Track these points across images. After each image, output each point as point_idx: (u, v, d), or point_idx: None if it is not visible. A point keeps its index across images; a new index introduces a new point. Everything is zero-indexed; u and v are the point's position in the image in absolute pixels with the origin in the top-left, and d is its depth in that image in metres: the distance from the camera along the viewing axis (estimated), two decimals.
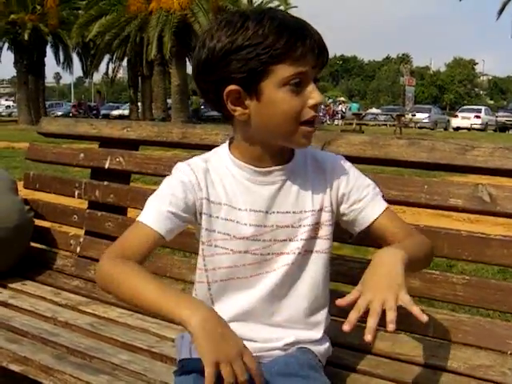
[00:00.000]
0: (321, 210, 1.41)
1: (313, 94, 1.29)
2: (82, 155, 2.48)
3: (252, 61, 1.25)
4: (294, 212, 1.39)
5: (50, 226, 2.63)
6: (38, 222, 2.60)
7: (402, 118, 27.58)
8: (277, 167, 1.38)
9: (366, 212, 1.43)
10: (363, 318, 1.58)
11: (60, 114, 43.03)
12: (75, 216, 2.49)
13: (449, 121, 39.46)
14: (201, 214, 1.38)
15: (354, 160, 1.83)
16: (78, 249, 2.44)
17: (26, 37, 30.04)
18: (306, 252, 1.41)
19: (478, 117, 37.02)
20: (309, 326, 1.43)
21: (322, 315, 1.46)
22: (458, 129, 35.94)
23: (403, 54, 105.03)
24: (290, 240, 1.39)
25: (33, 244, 2.58)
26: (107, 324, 1.96)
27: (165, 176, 1.45)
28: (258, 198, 1.37)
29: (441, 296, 1.67)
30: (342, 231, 1.53)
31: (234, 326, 1.33)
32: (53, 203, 2.61)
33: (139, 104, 36.88)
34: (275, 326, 1.41)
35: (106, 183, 2.39)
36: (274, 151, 1.37)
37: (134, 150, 2.39)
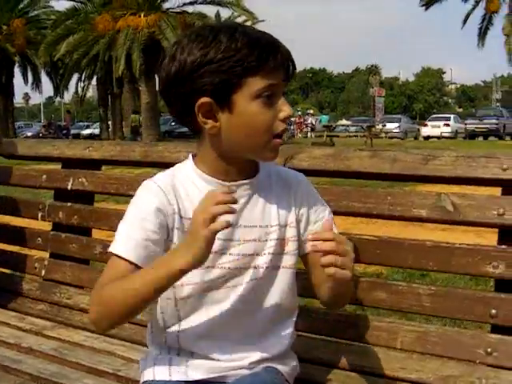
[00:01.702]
0: (286, 225, 1.41)
1: (284, 107, 1.32)
2: (44, 176, 2.44)
3: (225, 73, 1.26)
4: (260, 226, 1.38)
5: (13, 249, 2.58)
6: (1, 246, 2.55)
7: (373, 129, 27.70)
8: (244, 181, 1.37)
9: None
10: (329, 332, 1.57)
11: (30, 134, 42.59)
12: (39, 238, 2.44)
13: (419, 130, 39.86)
14: (173, 229, 1.35)
15: (317, 173, 1.84)
16: (43, 272, 2.39)
17: None
18: (273, 268, 1.39)
19: (447, 125, 37.44)
20: (275, 341, 1.41)
21: (289, 330, 1.44)
22: (428, 137, 36.31)
23: (372, 66, 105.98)
24: (257, 254, 1.38)
25: None
26: (72, 348, 1.92)
27: (128, 196, 1.43)
28: None
29: (408, 307, 1.65)
30: None
31: (201, 343, 1.33)
32: (17, 226, 2.56)
33: (109, 123, 36.72)
34: (241, 343, 1.38)
35: (69, 204, 2.35)
36: (242, 165, 1.37)
37: (97, 170, 2.36)
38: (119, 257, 1.32)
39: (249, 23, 30.17)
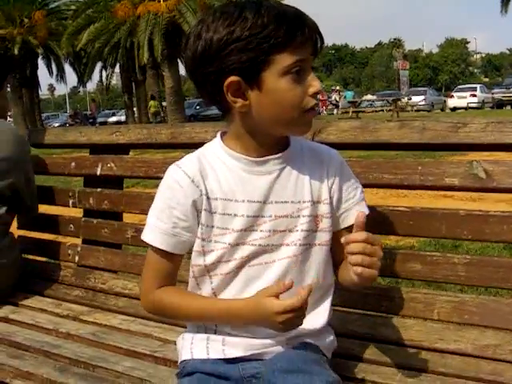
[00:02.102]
0: (319, 201, 1.39)
1: (313, 82, 1.29)
2: (73, 164, 2.46)
3: (253, 50, 1.24)
4: (292, 202, 1.37)
5: (47, 237, 2.61)
6: (35, 235, 2.58)
7: (398, 103, 27.46)
8: (273, 156, 1.36)
9: (349, 214, 1.42)
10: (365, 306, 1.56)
11: (57, 125, 43.03)
12: (71, 225, 2.46)
13: (445, 101, 39.30)
14: (200, 211, 1.36)
15: (345, 146, 1.82)
16: (77, 258, 2.42)
17: (16, 51, 30.01)
18: (308, 245, 1.38)
19: (473, 95, 36.83)
20: (312, 317, 1.39)
21: (325, 306, 1.43)
22: (454, 109, 35.77)
23: (395, 39, 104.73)
24: (289, 231, 1.36)
25: (32, 257, 2.56)
26: (109, 332, 1.93)
27: (157, 178, 1.43)
28: (255, 188, 1.35)
29: (443, 278, 1.63)
30: None
31: None
32: (49, 214, 2.59)
33: (135, 109, 36.82)
34: None
35: (99, 190, 2.36)
36: (272, 141, 1.36)
37: (125, 154, 2.37)
38: (152, 246, 1.38)
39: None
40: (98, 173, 2.35)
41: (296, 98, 1.28)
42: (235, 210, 1.35)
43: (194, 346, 1.38)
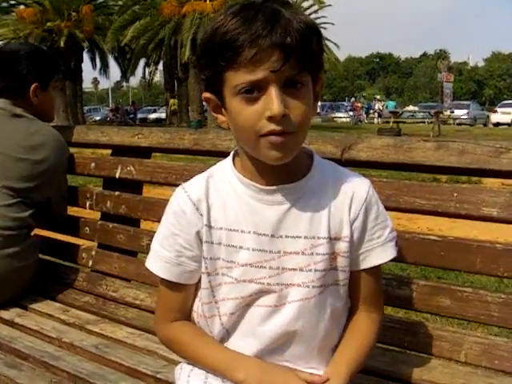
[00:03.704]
0: (338, 238, 1.23)
1: (270, 105, 1.09)
2: (93, 164, 2.37)
3: (210, 67, 1.14)
4: (305, 237, 1.21)
5: (62, 238, 2.52)
6: (50, 234, 2.50)
7: (440, 115, 27.04)
8: (284, 185, 1.21)
9: (370, 255, 1.26)
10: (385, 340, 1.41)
11: (98, 118, 43.51)
12: (87, 228, 2.37)
13: (488, 116, 38.66)
14: (201, 242, 1.24)
15: (376, 165, 1.69)
16: (90, 262, 2.33)
17: (62, 43, 30.34)
18: (323, 287, 1.23)
19: None
20: (323, 358, 1.27)
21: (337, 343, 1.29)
22: (497, 124, 35.18)
23: (440, 50, 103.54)
24: (300, 270, 1.21)
25: (45, 257, 2.48)
26: (113, 346, 1.82)
27: (176, 186, 1.33)
28: (264, 219, 1.21)
29: (474, 316, 1.49)
30: None
31: None
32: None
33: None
34: (288, 362, 1.24)
35: (117, 193, 2.27)
36: (275, 166, 1.18)
37: (146, 158, 2.27)
38: (166, 282, 1.28)
39: (315, 8, 29.86)
40: (117, 175, 2.26)
41: (247, 121, 1.11)
42: (241, 242, 1.21)
43: (191, 380, 1.27)
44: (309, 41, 1.11)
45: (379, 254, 1.26)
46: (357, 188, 1.25)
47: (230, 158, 1.27)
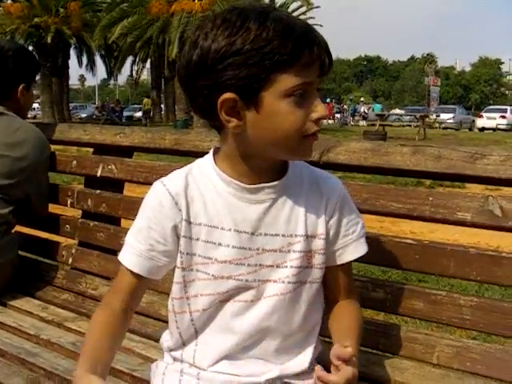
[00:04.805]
0: (314, 236, 1.26)
1: (318, 108, 1.17)
2: (74, 162, 2.37)
3: (253, 67, 1.11)
4: (283, 235, 1.24)
5: (42, 235, 2.52)
6: (31, 231, 2.50)
7: (426, 119, 27.20)
8: (267, 184, 1.23)
9: (346, 251, 1.31)
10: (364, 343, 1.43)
11: (84, 115, 43.26)
12: (67, 226, 2.37)
13: (474, 121, 38.93)
14: (179, 237, 1.25)
15: (354, 169, 1.71)
16: (70, 260, 2.33)
17: (50, 40, 30.23)
18: (299, 283, 1.26)
19: (503, 117, 36.47)
20: (296, 358, 1.29)
21: (312, 346, 1.32)
22: (483, 129, 35.43)
23: (428, 54, 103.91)
24: (277, 266, 1.24)
25: (26, 254, 2.47)
26: None
27: None
28: (244, 217, 1.23)
29: (446, 319, 1.51)
30: None
31: (217, 358, 1.25)
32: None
33: (162, 106, 36.94)
34: (259, 358, 1.26)
35: (98, 192, 2.27)
36: (267, 166, 1.23)
37: (128, 157, 2.27)
38: (128, 270, 1.28)
39: (303, 9, 29.91)
40: (99, 174, 2.26)
41: (297, 123, 1.15)
42: (220, 239, 1.23)
43: (166, 378, 1.28)
44: None
45: (354, 249, 1.31)
46: (331, 187, 1.30)
47: (210, 156, 1.28)
